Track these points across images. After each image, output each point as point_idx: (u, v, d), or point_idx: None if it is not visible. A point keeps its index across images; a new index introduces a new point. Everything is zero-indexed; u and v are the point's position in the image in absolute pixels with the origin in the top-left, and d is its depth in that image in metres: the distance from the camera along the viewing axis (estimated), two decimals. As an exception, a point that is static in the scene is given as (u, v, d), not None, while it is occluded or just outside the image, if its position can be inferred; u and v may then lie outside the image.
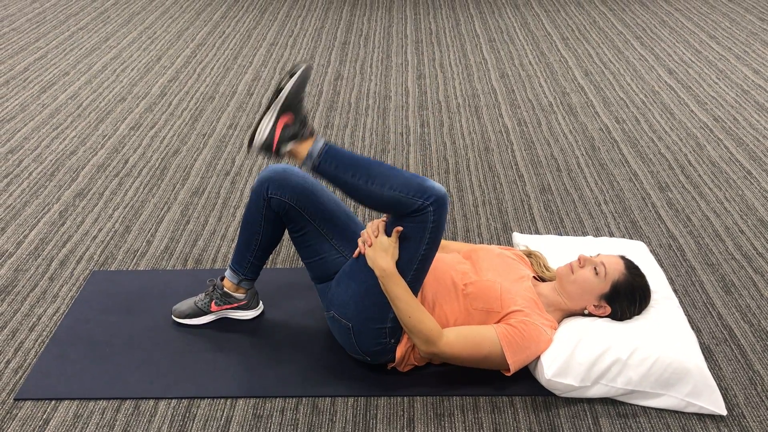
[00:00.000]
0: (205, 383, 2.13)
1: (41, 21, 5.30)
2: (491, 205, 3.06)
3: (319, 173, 2.00)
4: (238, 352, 2.25)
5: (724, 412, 2.01)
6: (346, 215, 2.20)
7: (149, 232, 2.86)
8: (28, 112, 3.88)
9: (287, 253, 2.74)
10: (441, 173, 3.30)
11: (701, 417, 2.03)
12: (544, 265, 2.32)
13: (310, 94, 4.11)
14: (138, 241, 2.80)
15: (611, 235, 2.83)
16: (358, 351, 2.10)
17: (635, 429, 1.99)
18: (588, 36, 5.06)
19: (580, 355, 2.01)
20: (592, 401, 2.07)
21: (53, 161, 3.38)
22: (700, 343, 2.26)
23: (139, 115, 3.86)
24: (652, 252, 2.67)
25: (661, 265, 2.62)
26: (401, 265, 2.00)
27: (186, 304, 2.36)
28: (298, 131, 1.97)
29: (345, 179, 1.98)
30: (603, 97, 4.08)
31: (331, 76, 4.36)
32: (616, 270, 2.11)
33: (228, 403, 2.07)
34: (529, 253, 2.35)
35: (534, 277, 2.25)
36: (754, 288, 2.54)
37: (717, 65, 4.50)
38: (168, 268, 2.65)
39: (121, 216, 2.96)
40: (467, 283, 2.10)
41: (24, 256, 2.70)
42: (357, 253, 2.08)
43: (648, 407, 2.05)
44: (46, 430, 1.98)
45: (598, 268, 2.10)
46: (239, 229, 2.28)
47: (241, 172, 3.30)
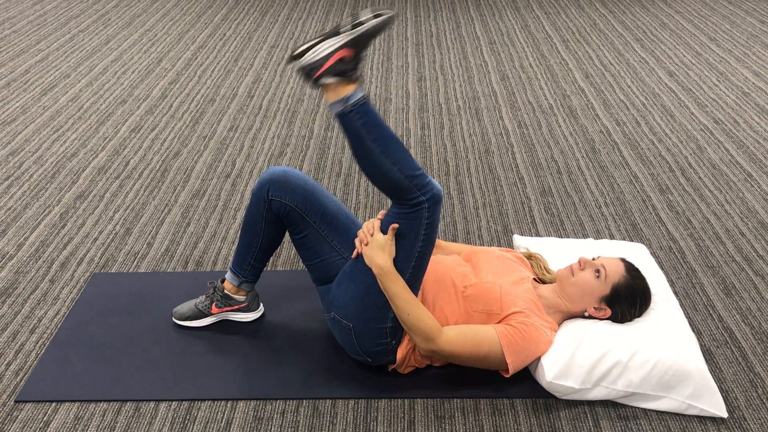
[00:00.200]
0: (206, 385, 2.13)
1: (42, 23, 5.31)
2: (492, 207, 3.06)
3: (343, 122, 1.93)
4: (239, 354, 2.25)
5: (725, 414, 2.01)
6: (347, 217, 2.20)
7: (150, 235, 2.86)
8: (29, 115, 3.88)
9: (288, 256, 2.74)
10: (441, 175, 3.30)
11: (702, 419, 2.03)
12: (545, 267, 2.32)
13: (311, 96, 4.11)
14: (138, 244, 2.80)
15: (612, 237, 2.83)
16: (359, 352, 2.10)
17: (636, 431, 1.99)
18: (588, 38, 5.06)
19: (580, 357, 2.01)
20: (592, 403, 2.07)
21: (54, 163, 3.38)
22: (701, 345, 2.26)
23: (140, 118, 3.86)
24: (652, 254, 2.67)
25: (662, 268, 2.62)
26: (399, 263, 2.00)
27: (186, 307, 2.36)
28: (349, 70, 1.89)
29: (364, 140, 1.92)
30: (603, 99, 4.08)
31: (332, 79, 4.36)
32: (617, 272, 2.11)
33: (228, 405, 2.07)
34: (530, 256, 2.35)
35: (534, 279, 2.25)
36: (754, 290, 2.54)
37: (717, 67, 4.51)
38: (168, 271, 2.65)
39: (122, 218, 2.96)
40: (467, 285, 2.10)
41: (25, 259, 2.71)
42: (355, 254, 2.08)
43: (649, 409, 2.05)
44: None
45: (598, 271, 2.10)
46: (240, 231, 2.28)
47: (242, 174, 3.30)
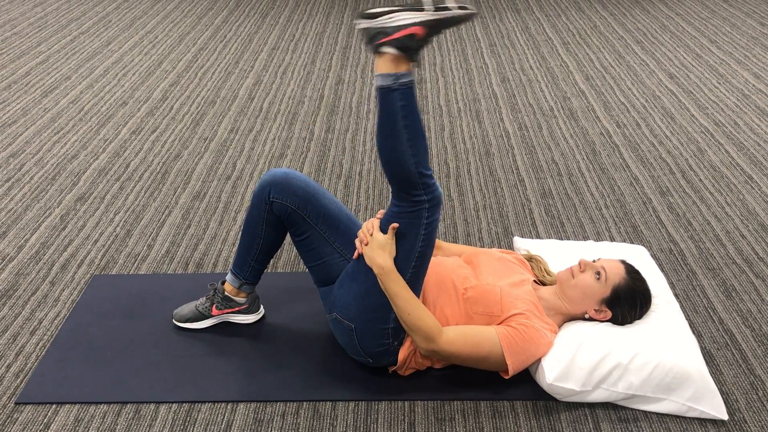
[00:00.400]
0: (206, 387, 2.13)
1: (43, 25, 5.31)
2: (492, 209, 3.06)
3: (383, 98, 1.91)
4: (239, 356, 2.25)
5: (725, 416, 2.01)
6: (348, 218, 2.20)
7: (150, 237, 2.86)
8: (30, 116, 3.88)
9: (288, 257, 2.74)
10: (442, 177, 3.30)
11: (703, 422, 2.02)
12: (545, 269, 2.32)
13: (311, 98, 4.12)
14: (139, 246, 2.80)
15: (612, 239, 2.83)
16: (361, 352, 2.10)
17: (636, 434, 1.99)
18: (589, 40, 5.06)
19: (581, 359, 2.01)
20: (593, 406, 2.07)
21: (54, 165, 3.39)
22: (701, 347, 2.26)
23: (141, 120, 3.86)
24: (653, 256, 2.67)
25: (662, 270, 2.62)
26: (399, 262, 2.00)
27: (187, 308, 2.36)
28: (413, 49, 1.87)
29: (397, 122, 1.91)
30: (604, 101, 4.08)
31: (332, 81, 4.37)
32: (617, 274, 2.11)
33: (229, 407, 2.07)
34: (530, 257, 2.35)
35: (534, 281, 2.25)
36: (755, 292, 2.54)
37: (718, 70, 4.51)
38: (169, 273, 2.65)
39: (122, 220, 2.96)
40: (467, 287, 2.10)
41: (25, 260, 2.71)
42: (356, 254, 2.08)
43: (649, 412, 2.05)
44: (46, 434, 1.99)
45: (599, 273, 2.10)
46: (240, 233, 2.28)
47: (242, 176, 3.31)
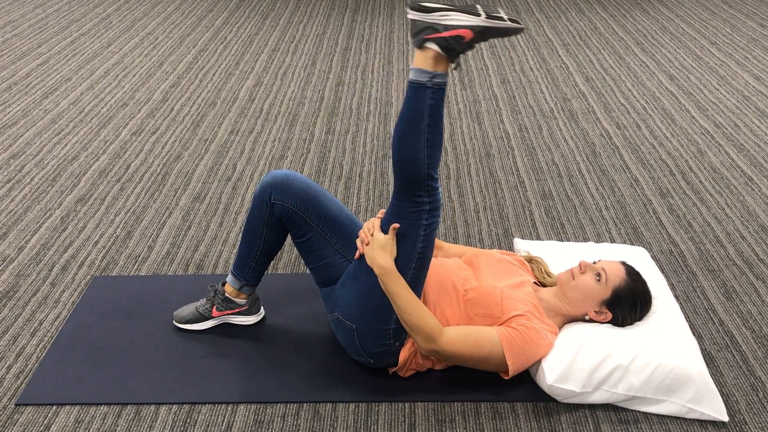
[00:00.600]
0: (206, 388, 2.13)
1: (43, 26, 5.32)
2: (492, 210, 3.06)
3: (414, 92, 1.90)
4: (240, 358, 2.25)
5: (725, 418, 2.01)
6: (349, 219, 2.20)
7: (151, 238, 2.86)
8: (30, 118, 3.88)
9: (288, 259, 2.74)
10: (442, 179, 3.30)
11: (703, 423, 2.02)
12: (545, 270, 2.32)
13: (311, 99, 4.12)
14: (139, 247, 2.80)
15: (612, 240, 2.83)
16: (362, 353, 2.10)
17: (637, 435, 1.99)
18: (589, 42, 5.06)
19: (581, 361, 2.01)
20: (593, 407, 2.07)
21: (55, 166, 3.39)
22: (702, 349, 2.26)
23: (141, 121, 3.87)
24: (653, 258, 2.67)
25: (662, 271, 2.62)
26: (400, 263, 2.00)
27: (187, 310, 2.36)
28: (456, 51, 1.87)
29: (421, 119, 1.90)
30: (604, 103, 4.08)
31: (333, 82, 4.37)
32: (617, 276, 2.11)
33: (229, 408, 2.07)
34: (531, 259, 2.35)
35: (535, 282, 2.25)
36: (755, 294, 2.54)
37: (718, 71, 4.51)
38: (169, 274, 2.65)
39: (123, 221, 2.96)
40: (468, 289, 2.10)
41: (25, 262, 2.71)
42: (358, 255, 2.08)
43: (649, 413, 2.05)
44: (47, 435, 1.99)
45: (599, 274, 2.10)
46: (241, 234, 2.28)
47: (243, 177, 3.31)
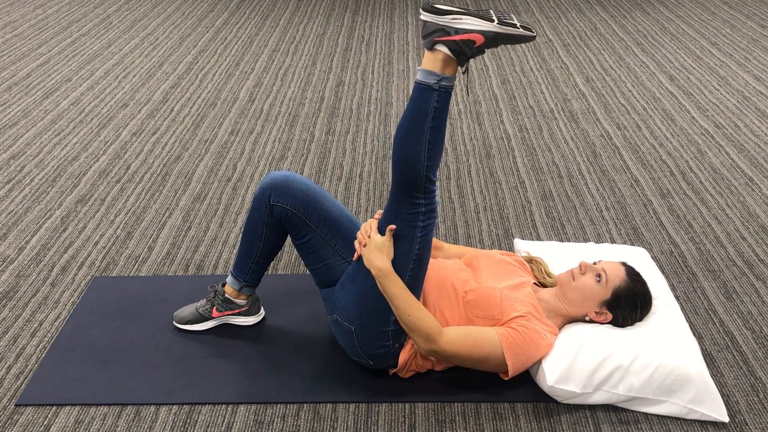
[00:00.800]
0: (206, 389, 2.13)
1: (44, 27, 5.32)
2: (492, 211, 3.06)
3: (420, 93, 1.89)
4: (240, 358, 2.25)
5: (726, 419, 2.01)
6: (349, 220, 2.20)
7: (151, 238, 2.86)
8: (31, 118, 3.88)
9: (288, 260, 2.74)
10: (442, 179, 3.30)
11: (703, 424, 2.02)
12: (546, 271, 2.32)
13: (312, 100, 4.12)
14: (139, 247, 2.80)
15: (613, 241, 2.83)
16: (361, 354, 2.10)
17: (637, 436, 1.99)
18: (589, 42, 5.06)
19: (581, 361, 2.01)
20: (593, 408, 2.07)
21: (55, 167, 3.39)
22: (702, 349, 2.25)
23: (141, 121, 3.87)
24: (653, 258, 2.67)
25: (663, 272, 2.61)
26: (397, 265, 2.00)
27: (187, 310, 2.36)
28: (467, 55, 1.86)
29: (425, 120, 1.89)
30: (604, 103, 4.08)
31: (333, 83, 4.37)
32: (618, 276, 2.11)
33: (229, 409, 2.07)
34: (531, 259, 2.35)
35: (535, 283, 2.25)
36: (755, 294, 2.54)
37: (718, 72, 4.51)
38: (169, 274, 2.65)
39: (123, 222, 2.96)
40: (467, 291, 2.10)
41: (26, 262, 2.71)
42: (356, 256, 2.08)
43: (650, 414, 2.05)
44: (47, 436, 1.99)
45: (599, 275, 2.10)
46: (241, 235, 2.28)
47: (243, 178, 3.31)
